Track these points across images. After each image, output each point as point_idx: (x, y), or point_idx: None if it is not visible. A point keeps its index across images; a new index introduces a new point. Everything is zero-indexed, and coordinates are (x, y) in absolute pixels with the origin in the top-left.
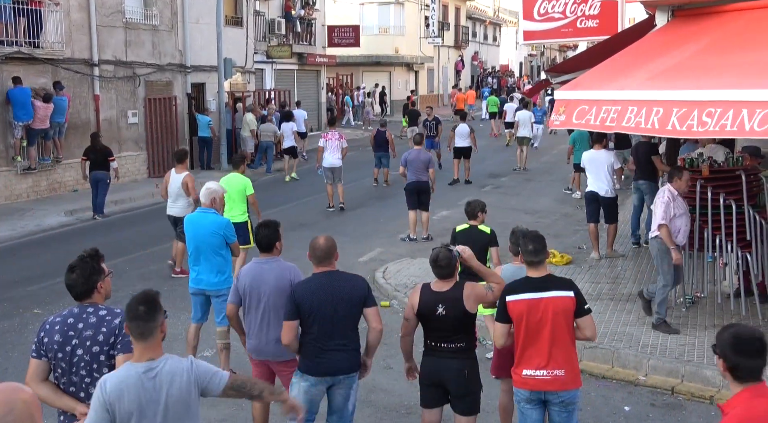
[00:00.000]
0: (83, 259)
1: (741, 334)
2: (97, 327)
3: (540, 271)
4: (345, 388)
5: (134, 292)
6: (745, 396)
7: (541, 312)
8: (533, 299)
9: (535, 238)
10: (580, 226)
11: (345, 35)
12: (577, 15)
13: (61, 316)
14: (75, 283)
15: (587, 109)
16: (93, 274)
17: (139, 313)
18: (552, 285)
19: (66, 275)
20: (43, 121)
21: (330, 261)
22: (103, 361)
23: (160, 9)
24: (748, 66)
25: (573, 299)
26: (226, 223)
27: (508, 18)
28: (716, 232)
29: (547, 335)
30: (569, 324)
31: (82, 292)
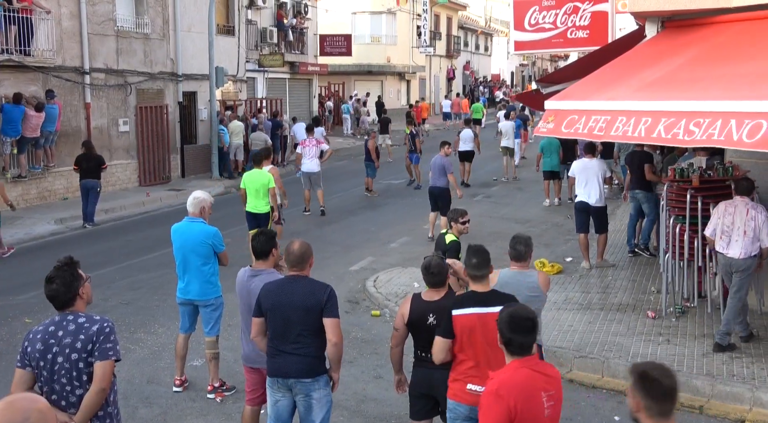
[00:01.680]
0: (60, 268)
1: (516, 313)
2: (76, 334)
3: (484, 285)
4: (302, 396)
5: (124, 302)
6: (513, 366)
7: (490, 327)
8: (482, 314)
9: (478, 252)
10: (571, 235)
11: (337, 44)
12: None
13: (44, 325)
14: (57, 293)
15: (577, 118)
16: (73, 281)
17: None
18: (497, 300)
19: (46, 287)
20: (35, 130)
21: (302, 266)
22: (82, 368)
23: (152, 17)
24: (737, 77)
25: None
26: (214, 232)
27: (499, 28)
28: (706, 242)
29: (494, 350)
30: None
31: (64, 302)
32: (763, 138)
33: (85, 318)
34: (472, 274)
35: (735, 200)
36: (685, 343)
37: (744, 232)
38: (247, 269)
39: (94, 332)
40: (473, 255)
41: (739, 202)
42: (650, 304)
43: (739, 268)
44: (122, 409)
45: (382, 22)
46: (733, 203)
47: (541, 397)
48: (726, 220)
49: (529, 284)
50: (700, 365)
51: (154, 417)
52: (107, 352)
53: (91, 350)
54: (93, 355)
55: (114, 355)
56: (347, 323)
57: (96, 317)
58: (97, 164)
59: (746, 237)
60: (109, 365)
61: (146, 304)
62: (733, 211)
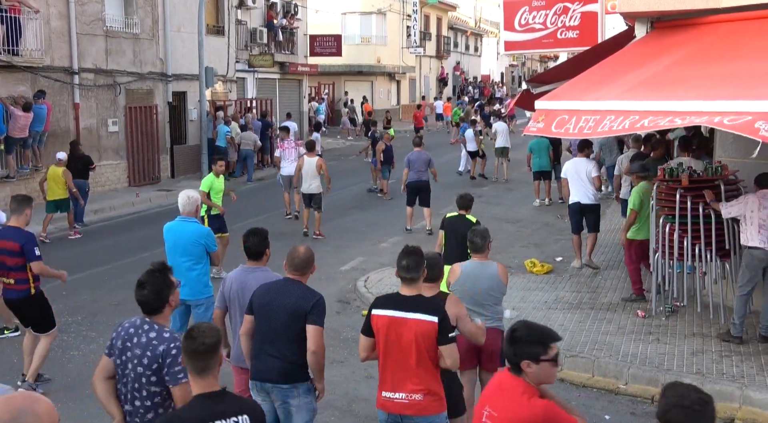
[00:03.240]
0: (153, 273)
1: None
2: (144, 349)
3: (411, 289)
4: (280, 402)
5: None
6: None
7: (404, 332)
8: (396, 317)
9: (410, 254)
10: (562, 235)
11: (327, 44)
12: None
13: (130, 322)
14: (146, 300)
15: (567, 118)
16: (164, 288)
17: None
18: (418, 307)
19: (137, 291)
20: (23, 131)
21: (302, 271)
22: (144, 383)
23: (141, 17)
24: (726, 77)
25: (435, 325)
26: (207, 232)
27: (489, 29)
28: (695, 242)
29: (407, 357)
30: (431, 349)
31: (153, 308)
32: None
33: (155, 333)
34: (400, 276)
35: (765, 194)
36: (674, 342)
37: None
38: (242, 266)
39: (160, 353)
40: (404, 257)
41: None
42: (640, 304)
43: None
44: None
45: (372, 22)
46: (765, 196)
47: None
48: (762, 214)
49: (489, 274)
50: (689, 364)
51: None
52: (176, 375)
53: (156, 370)
54: (158, 374)
55: (185, 378)
56: (338, 323)
57: (165, 334)
58: (84, 164)
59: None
60: (182, 389)
61: (136, 305)
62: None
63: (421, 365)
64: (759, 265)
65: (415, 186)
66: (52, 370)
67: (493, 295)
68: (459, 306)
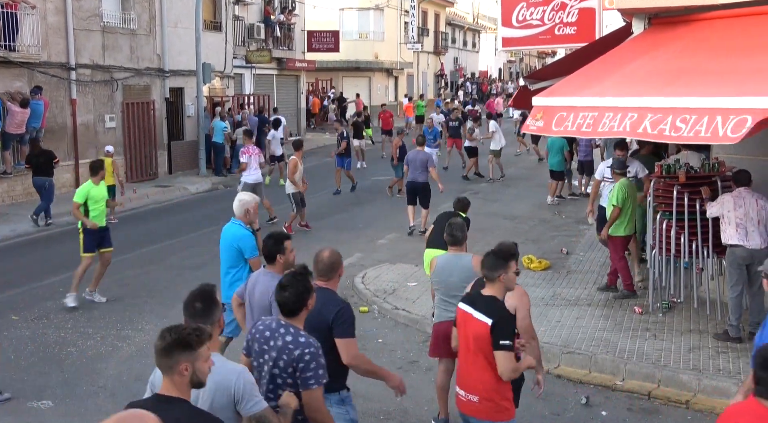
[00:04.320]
0: (295, 276)
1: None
2: (280, 352)
3: (488, 288)
4: None
5: (111, 299)
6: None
7: (468, 329)
8: (466, 313)
9: (492, 253)
10: (559, 231)
11: (324, 40)
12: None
13: (265, 325)
14: (287, 302)
15: (565, 115)
16: (304, 292)
17: (197, 310)
18: (480, 305)
19: (278, 293)
20: (20, 126)
21: (327, 276)
22: (280, 384)
23: (138, 13)
24: (723, 73)
25: (488, 328)
26: (241, 235)
27: (487, 24)
28: (692, 238)
29: (468, 354)
30: (486, 351)
31: (291, 311)
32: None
33: (291, 337)
34: (483, 274)
35: (740, 192)
36: (671, 338)
37: (758, 221)
38: (261, 269)
39: (295, 358)
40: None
41: (745, 194)
42: (637, 300)
43: (762, 258)
44: (110, 406)
45: (369, 18)
46: (740, 195)
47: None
48: (738, 213)
49: (463, 266)
50: (686, 360)
51: None
52: (308, 381)
53: (291, 373)
54: (293, 377)
55: (316, 384)
56: None
57: (301, 339)
58: (47, 159)
59: (761, 226)
60: (313, 394)
61: (133, 300)
62: (743, 202)
63: (479, 366)
64: (742, 263)
65: (412, 187)
66: (49, 366)
67: (465, 286)
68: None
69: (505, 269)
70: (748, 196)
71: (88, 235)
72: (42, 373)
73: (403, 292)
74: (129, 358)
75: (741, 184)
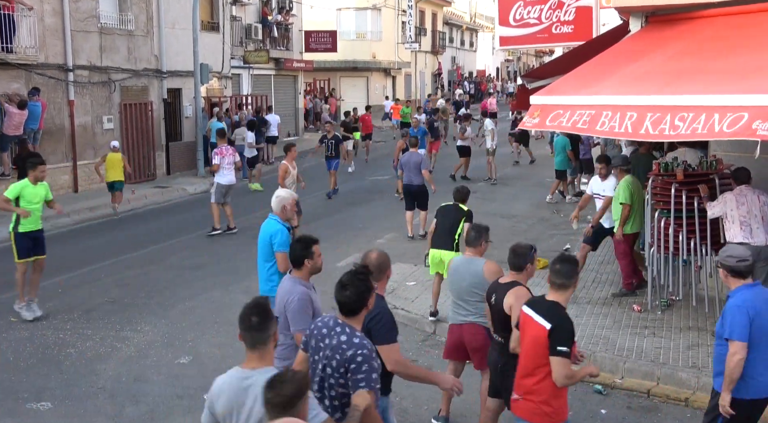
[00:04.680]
0: (355, 275)
1: None
2: (334, 352)
3: (553, 294)
4: None
5: (110, 300)
6: None
7: (528, 332)
8: (528, 316)
9: (565, 261)
10: (557, 230)
11: (322, 40)
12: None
13: (323, 322)
14: (348, 301)
15: (562, 113)
16: (365, 291)
17: (253, 323)
18: (542, 310)
19: (338, 291)
20: (18, 128)
21: (377, 277)
22: (333, 384)
23: (136, 14)
24: (720, 71)
25: (546, 332)
26: (275, 231)
27: (484, 23)
28: (690, 236)
29: (526, 356)
30: (543, 355)
31: (351, 310)
32: (742, 127)
33: (346, 337)
34: (550, 280)
35: (742, 190)
36: (670, 335)
37: (762, 218)
38: (288, 275)
39: (347, 358)
40: (558, 261)
41: (747, 191)
42: (636, 298)
43: (766, 254)
44: (109, 407)
45: (367, 18)
46: (742, 193)
47: None
48: (742, 211)
49: (473, 271)
50: (685, 358)
51: (141, 415)
52: (358, 383)
53: (343, 373)
54: (345, 377)
55: (366, 386)
56: None
57: (355, 339)
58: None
59: (764, 222)
60: (362, 396)
61: (132, 301)
62: (746, 200)
63: (535, 369)
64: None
65: (407, 190)
66: (48, 367)
67: (475, 291)
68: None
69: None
70: (750, 194)
71: (20, 241)
72: (41, 375)
73: (402, 291)
74: (128, 359)
75: (741, 182)
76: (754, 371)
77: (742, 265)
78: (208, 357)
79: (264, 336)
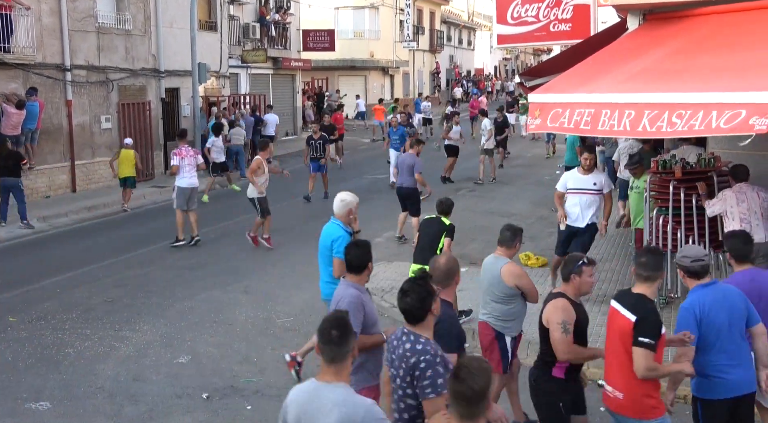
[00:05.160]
0: (415, 281)
1: None
2: (401, 360)
3: (639, 287)
4: None
5: (108, 299)
6: None
7: (612, 324)
8: (614, 308)
9: (652, 253)
10: (555, 228)
11: (320, 39)
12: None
13: (395, 334)
14: (410, 308)
15: (561, 111)
16: (427, 296)
17: (333, 337)
18: (627, 302)
19: (400, 300)
20: (15, 128)
21: (447, 283)
22: (402, 395)
23: (133, 13)
24: (718, 69)
25: (631, 324)
26: (338, 235)
27: (482, 22)
28: (689, 233)
29: (612, 349)
30: (627, 347)
31: (416, 317)
32: (740, 123)
33: (410, 344)
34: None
35: (741, 187)
36: (669, 333)
37: (761, 214)
38: (342, 281)
39: (411, 365)
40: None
41: (746, 189)
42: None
43: (766, 251)
44: (108, 406)
45: (365, 17)
46: (741, 190)
47: None
48: (742, 208)
49: (493, 271)
50: None
51: (140, 414)
52: (424, 390)
53: (410, 382)
54: (413, 386)
55: (432, 393)
56: None
57: (418, 346)
58: (15, 161)
59: (763, 219)
60: (429, 404)
61: (131, 301)
62: (746, 197)
63: (622, 362)
64: None
65: (399, 193)
66: (47, 367)
67: (492, 291)
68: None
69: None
70: (749, 191)
71: None
72: (40, 375)
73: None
74: (127, 359)
75: (740, 179)
76: (718, 371)
77: (696, 265)
78: (206, 356)
79: (343, 351)
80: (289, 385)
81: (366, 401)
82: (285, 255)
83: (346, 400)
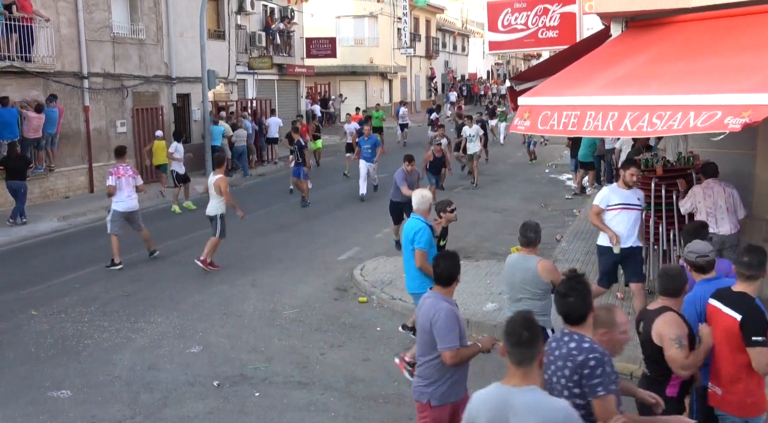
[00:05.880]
0: (573, 281)
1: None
2: (565, 360)
3: (741, 285)
4: None
5: (125, 294)
6: None
7: (717, 324)
8: (715, 307)
9: (754, 251)
10: (545, 223)
11: (322, 47)
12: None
13: (552, 337)
14: (572, 308)
15: (549, 114)
16: (587, 295)
17: (523, 339)
18: (730, 301)
19: (560, 301)
20: (36, 131)
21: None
22: (568, 395)
23: (146, 24)
24: (696, 73)
25: (737, 323)
26: (416, 229)
27: (475, 29)
28: (670, 228)
29: (718, 348)
30: (734, 346)
31: (577, 318)
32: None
33: (575, 343)
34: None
35: (709, 183)
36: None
37: (726, 209)
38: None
39: (578, 364)
40: (747, 253)
41: (713, 184)
42: (620, 286)
43: (733, 242)
44: (125, 394)
45: (364, 25)
46: (708, 186)
47: None
48: (708, 203)
49: (526, 268)
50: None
51: (155, 401)
52: (594, 388)
53: (577, 381)
54: (580, 386)
55: (603, 391)
56: (336, 310)
57: (585, 344)
58: (23, 164)
59: (729, 213)
60: (600, 403)
61: (146, 295)
62: (712, 193)
63: (725, 360)
64: (714, 249)
65: (396, 205)
66: (68, 357)
67: (527, 288)
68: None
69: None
70: (716, 186)
71: None
72: (60, 365)
73: (400, 283)
74: (142, 349)
75: (709, 176)
76: None
77: (702, 260)
78: (217, 346)
79: (533, 352)
80: (295, 374)
81: (563, 403)
82: (290, 250)
83: (542, 404)
